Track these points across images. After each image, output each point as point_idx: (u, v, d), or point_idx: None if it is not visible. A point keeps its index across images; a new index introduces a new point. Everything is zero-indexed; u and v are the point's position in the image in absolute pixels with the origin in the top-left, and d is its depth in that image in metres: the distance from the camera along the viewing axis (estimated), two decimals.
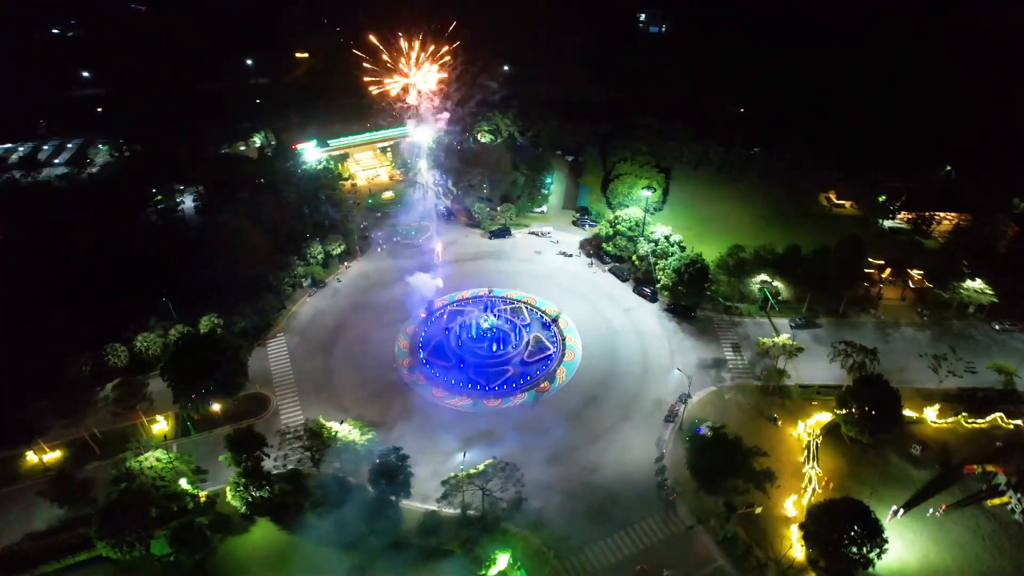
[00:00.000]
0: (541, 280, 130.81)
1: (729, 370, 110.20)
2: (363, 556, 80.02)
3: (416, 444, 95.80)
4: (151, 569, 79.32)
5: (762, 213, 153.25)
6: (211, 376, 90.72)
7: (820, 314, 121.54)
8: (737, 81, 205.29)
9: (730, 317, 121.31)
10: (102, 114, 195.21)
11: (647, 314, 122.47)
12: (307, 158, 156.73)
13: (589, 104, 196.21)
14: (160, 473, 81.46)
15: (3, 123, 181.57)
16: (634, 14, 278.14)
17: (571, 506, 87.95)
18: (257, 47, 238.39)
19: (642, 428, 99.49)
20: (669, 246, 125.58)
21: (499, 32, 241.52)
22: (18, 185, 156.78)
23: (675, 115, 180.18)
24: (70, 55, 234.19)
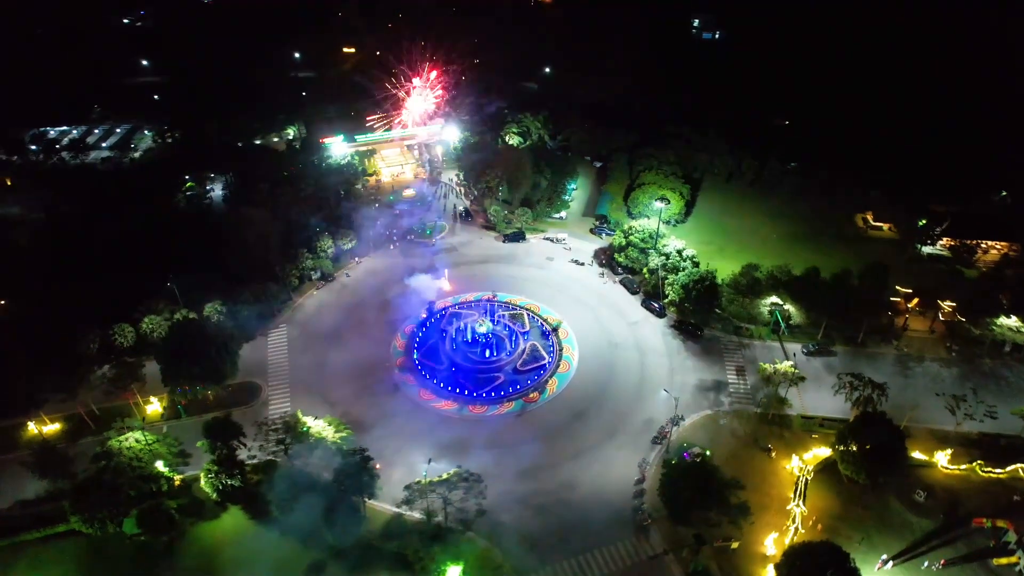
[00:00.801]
0: (549, 287, 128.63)
1: (729, 394, 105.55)
2: (323, 553, 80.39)
3: (394, 445, 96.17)
4: (122, 546, 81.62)
5: (791, 231, 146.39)
6: (198, 363, 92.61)
7: (836, 342, 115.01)
8: (786, 92, 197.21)
9: (739, 338, 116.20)
10: (155, 101, 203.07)
11: (652, 329, 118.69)
12: (333, 152, 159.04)
13: (626, 109, 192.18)
14: (138, 454, 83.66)
15: (62, 107, 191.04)
16: (688, 20, 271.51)
17: (541, 522, 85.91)
18: (309, 39, 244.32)
19: (627, 448, 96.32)
20: (680, 260, 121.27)
21: (544, 33, 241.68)
22: (65, 167, 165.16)
23: (712, 125, 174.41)
24: (135, 43, 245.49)
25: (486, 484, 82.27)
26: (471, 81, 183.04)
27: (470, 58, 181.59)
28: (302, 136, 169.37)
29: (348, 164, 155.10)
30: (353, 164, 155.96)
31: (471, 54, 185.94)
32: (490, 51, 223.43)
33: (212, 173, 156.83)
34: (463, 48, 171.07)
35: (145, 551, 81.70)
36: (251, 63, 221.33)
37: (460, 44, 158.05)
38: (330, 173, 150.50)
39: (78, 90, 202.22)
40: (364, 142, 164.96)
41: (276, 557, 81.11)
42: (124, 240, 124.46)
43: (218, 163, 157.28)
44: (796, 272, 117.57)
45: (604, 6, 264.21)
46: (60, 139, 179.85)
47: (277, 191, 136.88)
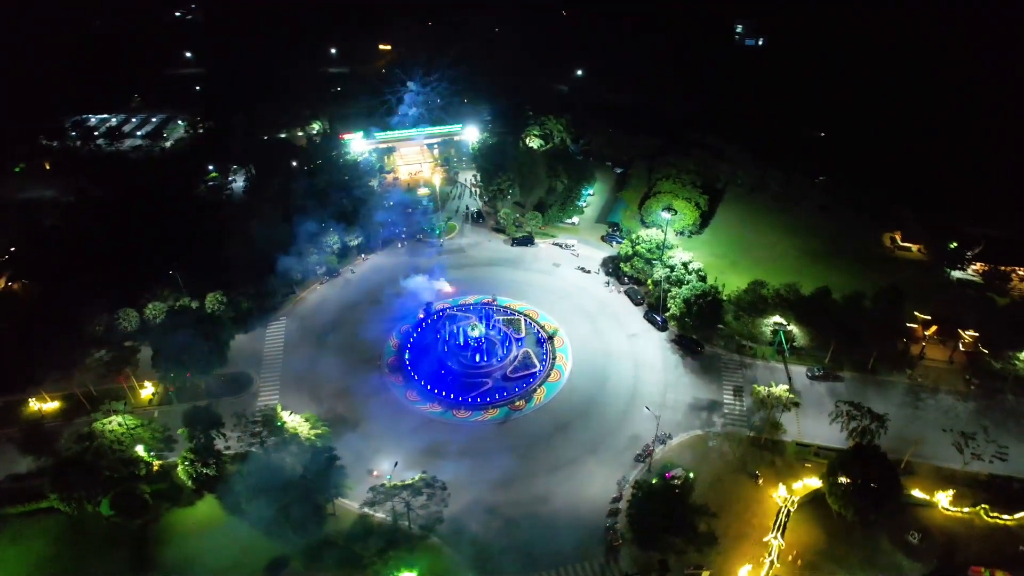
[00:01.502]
0: (551, 294, 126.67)
1: (723, 415, 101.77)
2: (287, 548, 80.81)
3: (373, 445, 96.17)
4: (99, 527, 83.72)
5: (812, 248, 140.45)
6: (186, 351, 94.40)
7: (845, 367, 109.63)
8: (824, 103, 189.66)
9: (741, 357, 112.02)
10: (191, 93, 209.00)
11: (652, 343, 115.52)
12: (353, 148, 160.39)
13: (653, 114, 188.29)
14: (119, 437, 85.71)
15: (105, 95, 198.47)
16: (731, 25, 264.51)
17: (509, 534, 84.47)
18: (346, 35, 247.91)
19: (609, 464, 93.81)
20: (685, 273, 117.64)
21: (579, 35, 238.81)
22: (100, 153, 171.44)
23: (741, 133, 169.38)
24: (181, 36, 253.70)
25: (450, 492, 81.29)
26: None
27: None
28: (325, 131, 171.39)
29: (365, 161, 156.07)
30: (370, 161, 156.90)
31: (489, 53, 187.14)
32: (520, 51, 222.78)
33: (235, 165, 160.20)
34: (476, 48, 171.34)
35: (120, 533, 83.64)
36: (287, 57, 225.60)
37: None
38: (346, 169, 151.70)
39: (123, 80, 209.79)
40: (384, 139, 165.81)
41: (242, 548, 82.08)
42: (142, 227, 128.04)
43: (241, 155, 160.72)
44: (805, 291, 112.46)
45: (645, 8, 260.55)
46: (99, 127, 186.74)
47: (291, 185, 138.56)
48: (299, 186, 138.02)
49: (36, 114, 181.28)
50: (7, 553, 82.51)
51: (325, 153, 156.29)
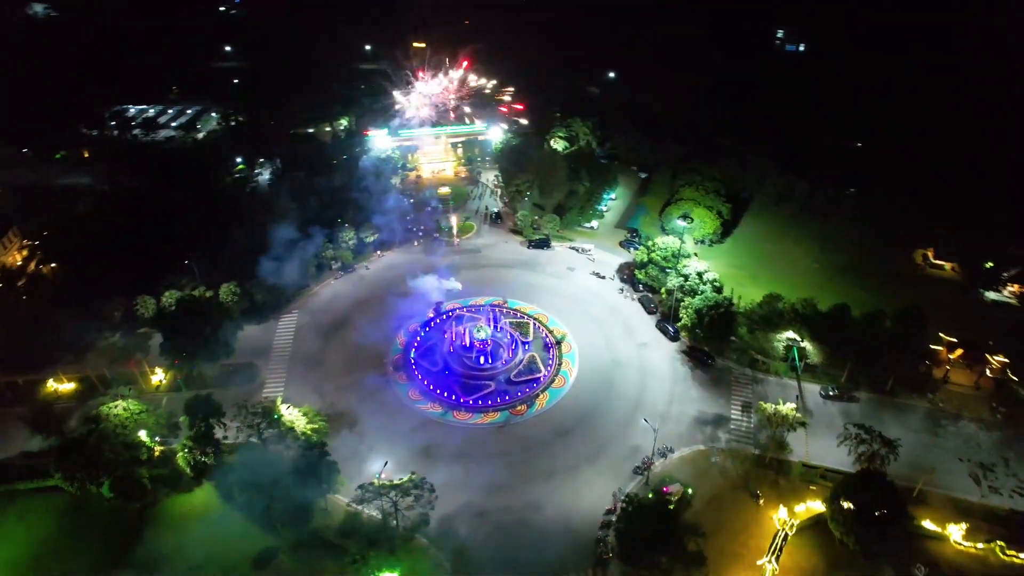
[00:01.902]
0: (563, 298, 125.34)
1: (729, 431, 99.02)
2: (277, 541, 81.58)
3: (369, 442, 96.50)
4: (100, 508, 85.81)
5: (838, 262, 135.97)
6: (192, 340, 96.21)
7: (862, 387, 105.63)
8: (865, 112, 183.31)
9: (753, 372, 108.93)
10: (227, 86, 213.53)
11: (661, 353, 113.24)
12: (376, 145, 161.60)
13: (683, 120, 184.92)
14: (123, 421, 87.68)
15: (145, 87, 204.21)
16: (772, 30, 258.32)
17: (497, 540, 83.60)
18: (381, 32, 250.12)
19: (606, 474, 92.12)
20: (699, 284, 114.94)
21: (611, 38, 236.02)
22: (136, 143, 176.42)
23: (771, 142, 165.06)
24: (224, 30, 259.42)
25: (437, 495, 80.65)
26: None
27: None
28: (351, 128, 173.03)
29: (387, 158, 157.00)
30: (392, 158, 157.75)
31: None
32: (553, 52, 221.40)
33: (261, 158, 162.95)
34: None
35: (120, 515, 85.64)
36: (322, 52, 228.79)
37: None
38: (368, 165, 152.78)
39: (164, 72, 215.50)
40: (407, 136, 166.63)
41: (234, 537, 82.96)
42: (165, 216, 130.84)
43: (268, 148, 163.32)
44: (823, 307, 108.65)
45: (685, 10, 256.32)
46: (137, 117, 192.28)
47: (313, 180, 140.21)
48: (318, 181, 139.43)
49: (79, 103, 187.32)
50: (15, 528, 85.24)
51: (348, 149, 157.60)
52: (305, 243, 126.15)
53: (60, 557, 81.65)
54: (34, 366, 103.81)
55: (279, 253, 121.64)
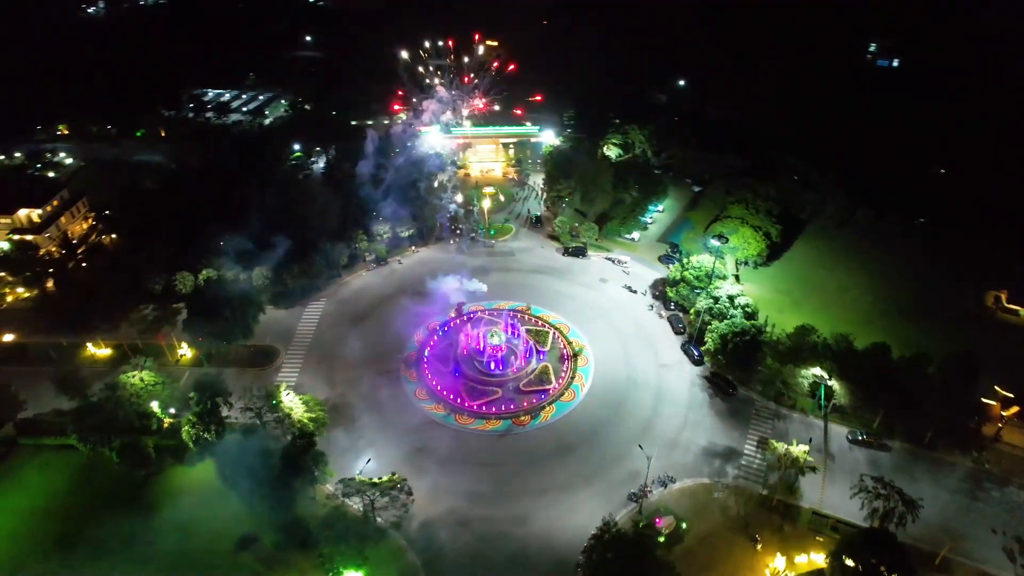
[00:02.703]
0: (590, 310, 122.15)
1: (739, 466, 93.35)
2: (261, 524, 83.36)
3: (368, 436, 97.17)
4: (109, 470, 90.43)
5: (895, 297, 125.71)
6: (211, 320, 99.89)
7: (896, 436, 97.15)
8: (955, 136, 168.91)
9: (777, 406, 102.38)
10: (303, 75, 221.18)
11: (682, 376, 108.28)
12: (429, 141, 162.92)
13: (750, 133, 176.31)
14: (138, 391, 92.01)
15: (224, 72, 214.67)
16: (864, 43, 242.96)
17: (476, 550, 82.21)
18: (453, 27, 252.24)
19: (600, 497, 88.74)
20: (730, 307, 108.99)
21: (688, 44, 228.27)
22: (208, 125, 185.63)
23: (839, 161, 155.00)
24: (312, 21, 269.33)
25: (414, 499, 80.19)
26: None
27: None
28: (409, 123, 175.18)
29: (436, 155, 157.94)
30: (440, 155, 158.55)
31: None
32: (625, 55, 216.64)
33: (318, 147, 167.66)
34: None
35: (127, 479, 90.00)
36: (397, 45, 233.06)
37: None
38: (416, 161, 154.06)
39: (244, 58, 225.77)
40: (459, 134, 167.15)
41: (224, 516, 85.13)
42: (219, 197, 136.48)
43: (327, 137, 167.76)
44: (861, 345, 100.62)
45: (775, 19, 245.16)
46: (213, 100, 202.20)
47: (358, 171, 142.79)
48: (365, 173, 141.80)
49: (163, 85, 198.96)
50: (34, 479, 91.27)
51: (401, 143, 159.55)
52: (342, 234, 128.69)
53: (67, 512, 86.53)
54: (77, 330, 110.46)
55: (316, 241, 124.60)
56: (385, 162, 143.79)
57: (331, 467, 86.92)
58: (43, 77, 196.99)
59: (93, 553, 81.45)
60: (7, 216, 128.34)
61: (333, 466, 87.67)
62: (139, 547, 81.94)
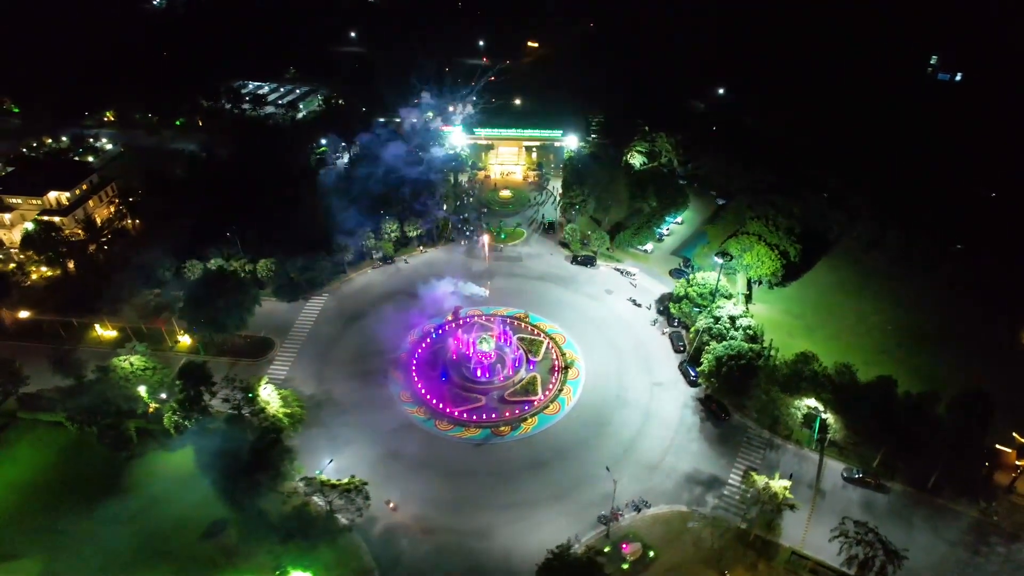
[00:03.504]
0: (589, 321, 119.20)
1: (720, 496, 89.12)
2: (229, 514, 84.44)
3: (346, 435, 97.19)
4: (94, 449, 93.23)
5: (920, 328, 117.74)
6: (205, 311, 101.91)
7: (896, 477, 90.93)
8: (1014, 158, 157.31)
9: (771, 436, 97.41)
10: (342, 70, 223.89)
11: (675, 397, 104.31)
12: (451, 141, 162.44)
13: (785, 144, 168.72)
14: (128, 375, 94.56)
15: (265, 65, 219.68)
16: (925, 55, 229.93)
17: (434, 560, 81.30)
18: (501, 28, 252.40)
19: (569, 517, 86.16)
20: (731, 328, 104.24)
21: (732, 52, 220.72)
22: (243, 116, 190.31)
23: (875, 179, 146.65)
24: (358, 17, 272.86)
25: (370, 503, 79.63)
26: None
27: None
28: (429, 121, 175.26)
29: (455, 155, 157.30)
30: (459, 155, 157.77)
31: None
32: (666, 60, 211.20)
33: (344, 142, 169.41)
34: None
35: (111, 459, 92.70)
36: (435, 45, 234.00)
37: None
38: (437, 161, 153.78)
39: (286, 51, 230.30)
40: (482, 135, 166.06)
41: (196, 502, 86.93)
42: (242, 187, 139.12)
43: (353, 133, 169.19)
44: (866, 377, 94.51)
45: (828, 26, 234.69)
46: (253, 92, 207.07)
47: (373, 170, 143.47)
48: (379, 171, 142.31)
49: (206, 75, 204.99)
50: (26, 452, 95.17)
51: (422, 141, 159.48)
52: (352, 230, 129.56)
53: (50, 487, 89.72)
54: (84, 311, 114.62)
55: (326, 236, 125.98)
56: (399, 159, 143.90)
57: (301, 463, 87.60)
58: (99, 66, 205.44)
59: (68, 528, 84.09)
60: (37, 198, 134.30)
61: (308, 462, 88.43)
62: (112, 526, 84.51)
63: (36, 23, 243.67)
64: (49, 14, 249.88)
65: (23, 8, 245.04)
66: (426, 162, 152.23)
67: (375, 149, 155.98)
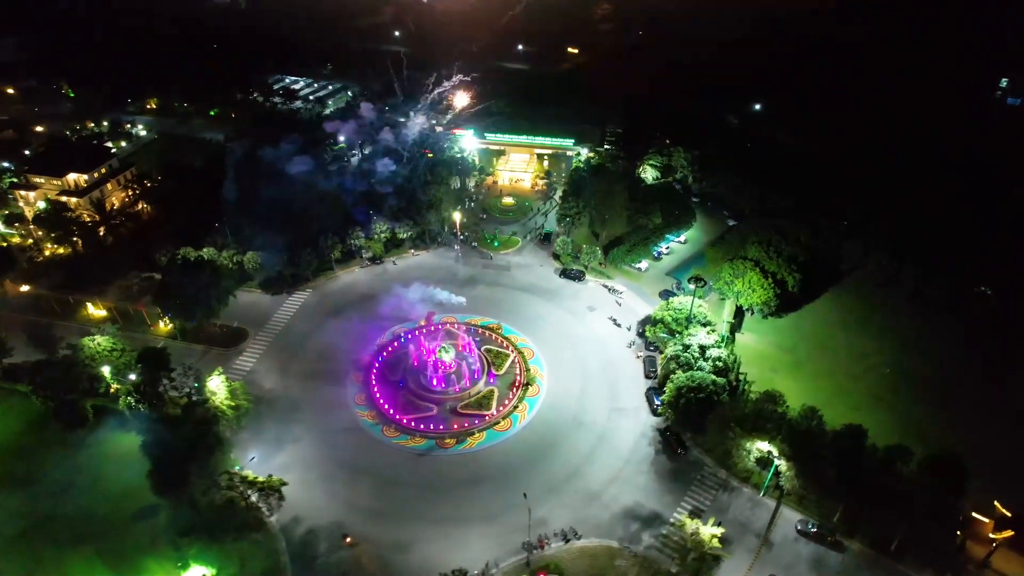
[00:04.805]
0: (564, 338, 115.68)
1: (658, 535, 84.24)
2: (163, 500, 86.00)
3: (295, 432, 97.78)
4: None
5: (923, 374, 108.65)
6: (175, 298, 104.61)
7: (856, 536, 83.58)
8: None
9: (727, 476, 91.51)
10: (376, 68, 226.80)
11: (634, 425, 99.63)
12: (462, 145, 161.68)
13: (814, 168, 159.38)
14: (93, 355, 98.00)
15: (306, 60, 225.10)
16: (994, 78, 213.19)
17: (346, 568, 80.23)
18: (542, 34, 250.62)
19: (493, 539, 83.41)
20: (700, 358, 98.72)
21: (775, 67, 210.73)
22: (273, 110, 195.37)
23: (901, 210, 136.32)
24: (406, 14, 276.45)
25: (284, 503, 79.48)
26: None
27: None
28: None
29: (462, 159, 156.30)
30: (466, 160, 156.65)
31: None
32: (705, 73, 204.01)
33: (361, 140, 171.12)
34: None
35: (66, 433, 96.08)
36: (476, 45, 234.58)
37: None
38: (444, 164, 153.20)
39: (327, 47, 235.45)
40: (493, 141, 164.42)
41: (133, 485, 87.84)
42: (252, 178, 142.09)
43: (371, 131, 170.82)
44: (835, 423, 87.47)
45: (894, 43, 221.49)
46: (287, 86, 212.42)
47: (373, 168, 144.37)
48: (381, 170, 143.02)
49: (248, 69, 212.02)
50: None
51: (432, 143, 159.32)
52: (339, 229, 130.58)
53: (10, 454, 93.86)
54: (74, 289, 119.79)
55: (310, 233, 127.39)
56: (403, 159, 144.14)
57: (236, 457, 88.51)
58: (152, 55, 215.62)
59: (4, 502, 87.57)
60: (57, 179, 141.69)
61: (249, 456, 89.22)
62: (48, 499, 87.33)
63: (105, 11, 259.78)
64: (121, 4, 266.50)
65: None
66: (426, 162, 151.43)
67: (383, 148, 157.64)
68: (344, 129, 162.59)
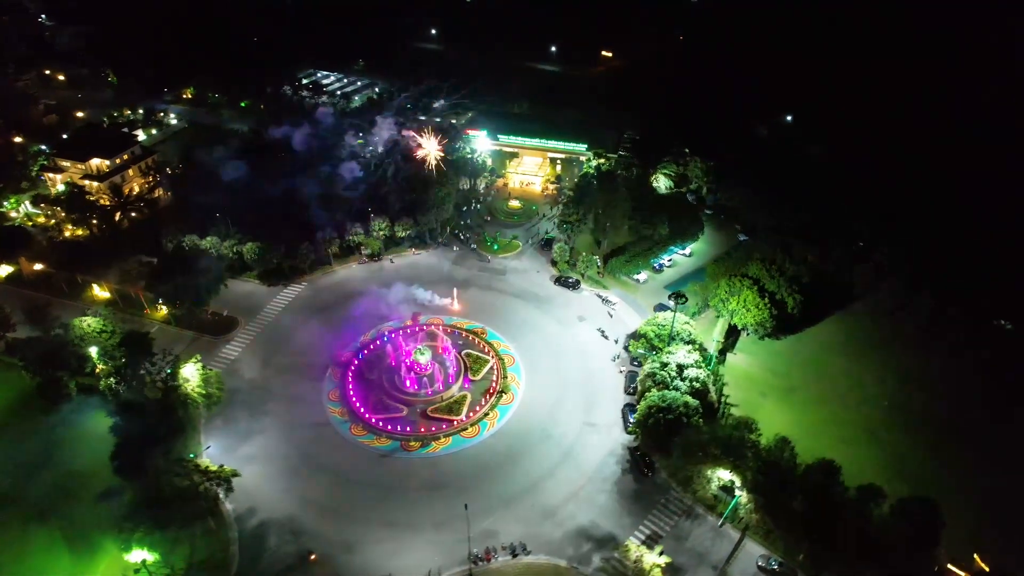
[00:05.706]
0: (548, 347, 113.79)
1: (608, 559, 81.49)
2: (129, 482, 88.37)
3: (264, 424, 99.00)
4: None
5: (924, 409, 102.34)
6: (165, 283, 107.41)
7: None
8: None
9: (693, 503, 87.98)
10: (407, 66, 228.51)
11: (604, 442, 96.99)
12: (474, 146, 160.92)
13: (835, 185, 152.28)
14: (81, 335, 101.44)
15: (340, 55, 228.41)
16: None
17: (291, 564, 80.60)
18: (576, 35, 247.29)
19: (441, 547, 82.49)
20: (676, 378, 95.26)
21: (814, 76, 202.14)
22: (301, 104, 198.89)
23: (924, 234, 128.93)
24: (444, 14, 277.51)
25: (232, 493, 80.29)
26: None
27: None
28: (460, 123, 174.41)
29: (472, 159, 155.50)
30: (476, 161, 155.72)
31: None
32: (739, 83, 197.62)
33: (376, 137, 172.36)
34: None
35: (48, 406, 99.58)
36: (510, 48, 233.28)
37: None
38: (455, 164, 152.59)
39: (361, 43, 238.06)
40: (506, 143, 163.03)
41: (101, 466, 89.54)
42: (263, 169, 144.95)
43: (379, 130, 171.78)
44: (806, 458, 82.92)
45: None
46: (317, 80, 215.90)
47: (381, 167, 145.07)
48: (388, 169, 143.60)
49: (287, 62, 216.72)
50: None
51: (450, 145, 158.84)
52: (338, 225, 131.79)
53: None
54: (76, 269, 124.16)
55: (309, 227, 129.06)
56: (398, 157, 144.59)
57: (199, 444, 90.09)
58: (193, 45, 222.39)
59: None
60: (81, 163, 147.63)
61: (219, 444, 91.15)
62: (27, 473, 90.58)
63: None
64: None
65: None
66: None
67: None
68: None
